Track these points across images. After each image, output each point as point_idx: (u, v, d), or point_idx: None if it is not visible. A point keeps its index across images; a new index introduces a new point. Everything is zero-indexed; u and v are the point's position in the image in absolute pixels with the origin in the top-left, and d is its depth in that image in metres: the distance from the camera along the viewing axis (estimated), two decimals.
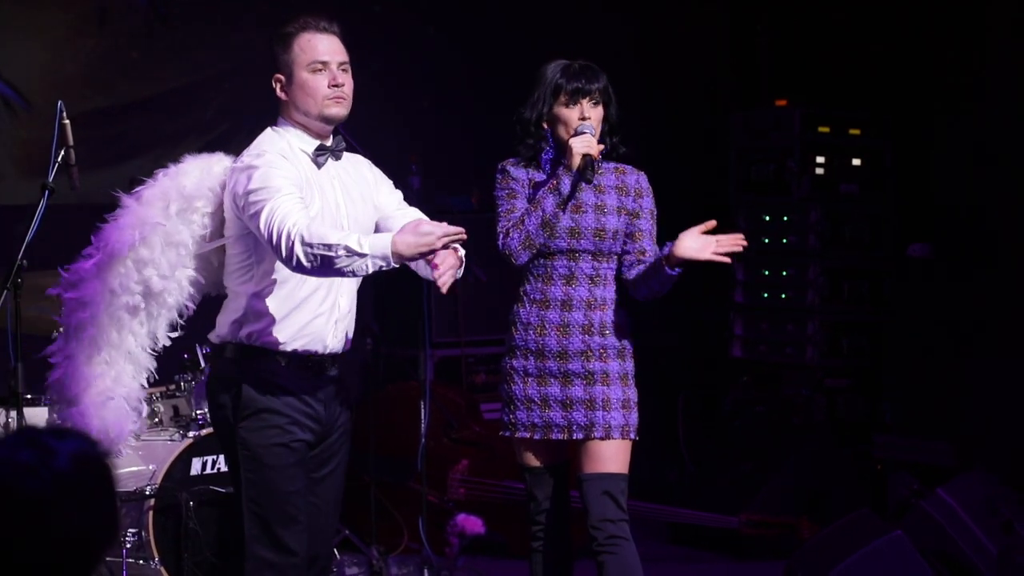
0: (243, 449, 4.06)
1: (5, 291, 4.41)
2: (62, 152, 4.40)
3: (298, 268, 3.83)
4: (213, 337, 4.17)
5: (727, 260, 4.43)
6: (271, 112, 4.22)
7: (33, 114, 6.79)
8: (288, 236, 3.76)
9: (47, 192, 4.36)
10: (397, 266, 3.83)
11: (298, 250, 3.75)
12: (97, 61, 7.03)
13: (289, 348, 4.08)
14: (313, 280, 4.06)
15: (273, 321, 4.05)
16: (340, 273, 3.81)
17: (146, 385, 4.26)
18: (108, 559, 5.39)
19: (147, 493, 5.38)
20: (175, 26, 7.15)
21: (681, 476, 7.55)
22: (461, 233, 3.81)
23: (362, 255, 3.72)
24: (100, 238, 4.13)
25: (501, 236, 4.44)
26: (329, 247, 3.73)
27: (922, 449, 6.96)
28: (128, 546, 5.33)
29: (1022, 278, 6.93)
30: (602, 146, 4.47)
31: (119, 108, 7.07)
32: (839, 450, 7.10)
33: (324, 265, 3.76)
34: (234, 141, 4.19)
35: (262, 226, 3.84)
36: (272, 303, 4.05)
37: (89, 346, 4.12)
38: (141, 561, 5.37)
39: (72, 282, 4.15)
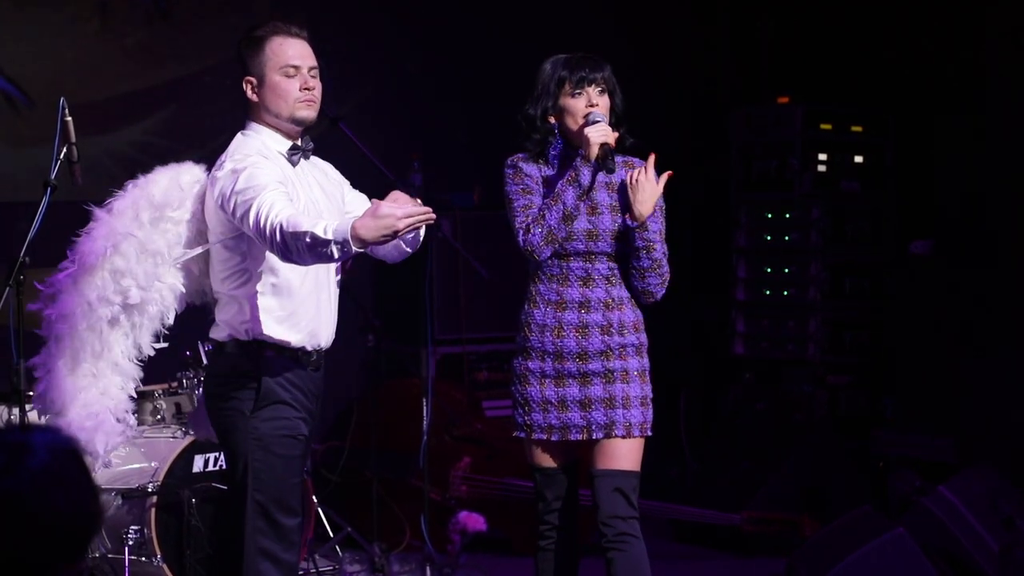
0: (255, 440, 4.10)
1: (8, 288, 4.41)
2: (64, 149, 4.40)
3: (284, 257, 3.91)
4: (220, 336, 4.19)
5: None
6: None
7: (34, 110, 6.78)
8: (271, 226, 3.84)
9: (49, 189, 4.36)
10: (362, 250, 3.88)
11: (279, 238, 3.83)
12: (98, 53, 7.01)
13: (298, 345, 4.15)
14: (310, 278, 4.14)
15: (282, 319, 4.12)
16: (320, 259, 3.86)
17: (135, 396, 4.31)
18: (110, 556, 5.40)
19: (149, 491, 5.37)
20: (175, 21, 7.14)
21: (683, 473, 7.54)
22: (428, 213, 3.83)
23: (326, 242, 3.77)
24: (74, 251, 4.19)
25: (521, 232, 4.35)
26: (301, 235, 3.79)
27: (924, 446, 6.96)
28: (130, 543, 5.32)
29: (1022, 275, 6.93)
30: (616, 133, 4.38)
31: (120, 99, 7.05)
32: (841, 447, 7.09)
33: (301, 252, 3.83)
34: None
35: (251, 222, 3.91)
36: (278, 302, 4.12)
37: (70, 358, 4.17)
38: (143, 559, 5.36)
39: (50, 295, 4.20)
